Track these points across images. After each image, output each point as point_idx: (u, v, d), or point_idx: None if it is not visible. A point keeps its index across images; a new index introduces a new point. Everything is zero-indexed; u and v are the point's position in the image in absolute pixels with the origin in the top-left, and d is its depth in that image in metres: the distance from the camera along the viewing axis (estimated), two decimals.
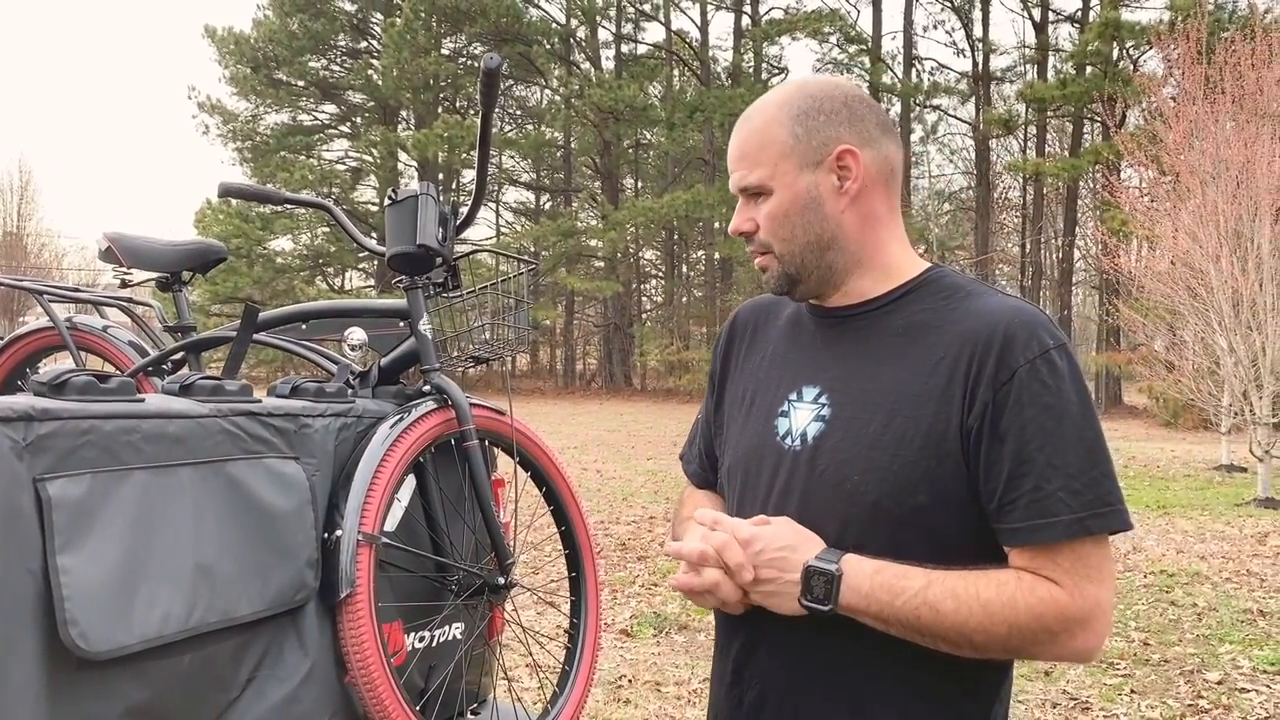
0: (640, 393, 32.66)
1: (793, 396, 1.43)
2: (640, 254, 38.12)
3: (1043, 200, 33.33)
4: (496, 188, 38.35)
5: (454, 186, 33.75)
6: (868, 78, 32.37)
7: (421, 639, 1.94)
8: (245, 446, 1.57)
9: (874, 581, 1.26)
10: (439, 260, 2.02)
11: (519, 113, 38.42)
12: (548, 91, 36.24)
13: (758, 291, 1.69)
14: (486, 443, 2.11)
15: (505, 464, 2.26)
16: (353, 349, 2.14)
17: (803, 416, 1.40)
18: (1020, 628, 1.23)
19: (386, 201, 1.99)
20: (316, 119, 36.15)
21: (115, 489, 1.36)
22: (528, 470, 2.21)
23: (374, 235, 2.17)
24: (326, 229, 32.45)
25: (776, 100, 1.40)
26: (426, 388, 2.00)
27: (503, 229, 39.23)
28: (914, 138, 35.01)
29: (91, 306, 2.73)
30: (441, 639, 1.98)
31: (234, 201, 28.91)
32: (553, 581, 2.41)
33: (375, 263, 31.87)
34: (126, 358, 2.56)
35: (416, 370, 2.06)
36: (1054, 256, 34.09)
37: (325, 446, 1.73)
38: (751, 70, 34.12)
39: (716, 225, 32.76)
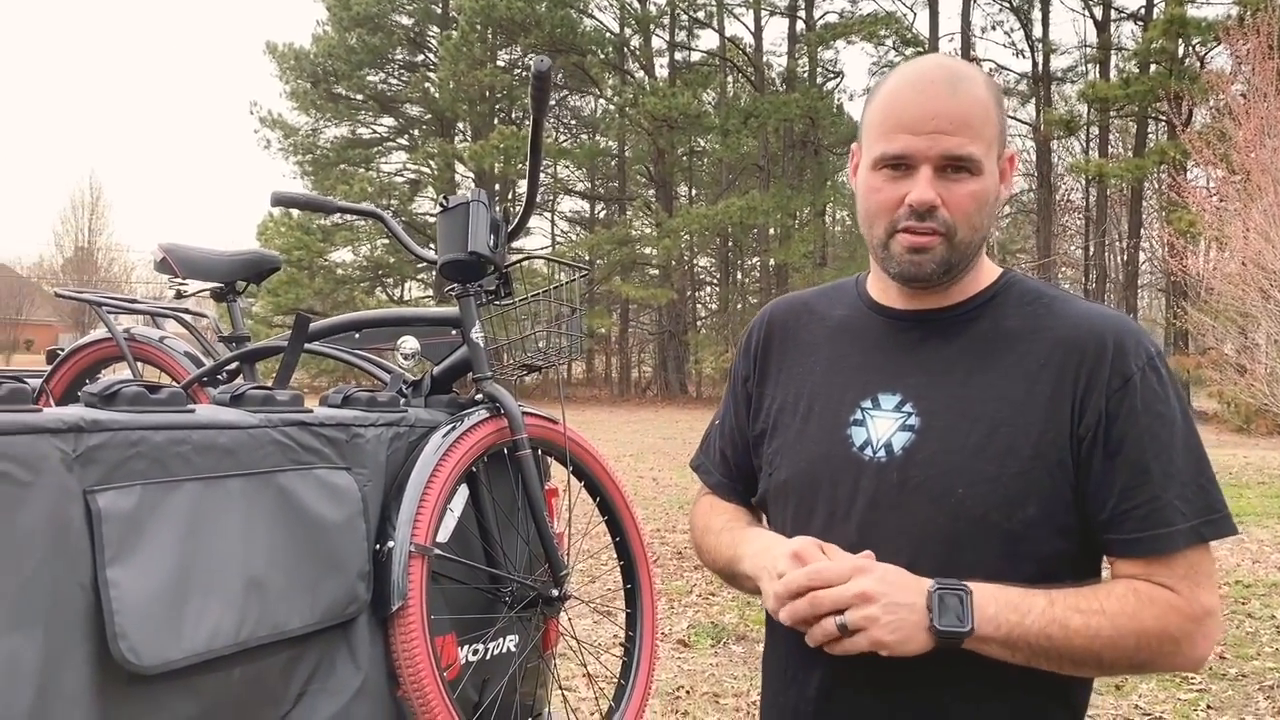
0: (695, 400, 32.56)
1: (866, 404, 1.36)
2: (695, 261, 38.05)
3: (1106, 202, 32.67)
4: (551, 197, 38.56)
5: (510, 197, 33.99)
6: None
7: (475, 652, 1.91)
8: (296, 457, 1.56)
9: (1000, 602, 1.19)
10: (490, 267, 2.00)
11: (574, 122, 38.62)
12: (602, 101, 36.40)
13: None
14: (540, 452, 2.08)
15: (559, 473, 2.23)
16: (405, 358, 2.12)
17: (884, 426, 1.33)
18: (1147, 637, 1.20)
19: (438, 209, 1.98)
20: (375, 132, 36.67)
21: (165, 501, 1.35)
22: (581, 480, 2.18)
23: (432, 246, 2.15)
24: (385, 240, 32.86)
25: (980, 78, 1.30)
26: (479, 396, 1.98)
27: (558, 238, 39.45)
28: None
29: (151, 318, 2.76)
30: (495, 652, 1.96)
31: (295, 214, 29.46)
32: (609, 590, 2.37)
33: (433, 273, 32.15)
34: (182, 368, 2.57)
35: (470, 379, 2.04)
36: (1118, 259, 33.38)
37: (377, 456, 1.72)
38: (806, 75, 33.92)
39: (771, 232, 32.60)
